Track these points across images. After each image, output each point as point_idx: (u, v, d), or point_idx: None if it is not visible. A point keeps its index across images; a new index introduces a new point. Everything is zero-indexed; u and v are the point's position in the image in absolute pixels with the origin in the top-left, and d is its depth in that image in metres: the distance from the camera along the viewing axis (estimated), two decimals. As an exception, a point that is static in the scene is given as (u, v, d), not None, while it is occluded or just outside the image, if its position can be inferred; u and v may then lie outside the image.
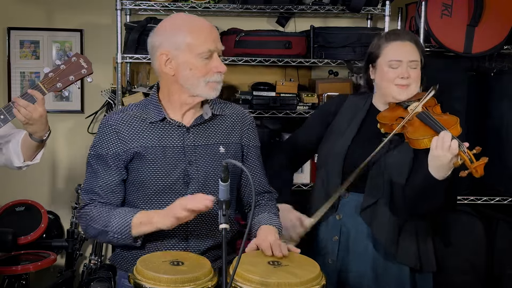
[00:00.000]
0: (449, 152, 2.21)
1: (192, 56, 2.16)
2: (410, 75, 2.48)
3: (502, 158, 3.54)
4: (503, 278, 3.64)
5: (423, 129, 2.36)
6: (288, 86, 3.72)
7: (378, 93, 2.59)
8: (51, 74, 2.33)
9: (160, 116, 2.23)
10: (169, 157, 2.21)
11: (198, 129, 2.25)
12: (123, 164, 2.22)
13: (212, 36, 2.18)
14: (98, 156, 2.24)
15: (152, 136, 2.22)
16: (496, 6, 3.48)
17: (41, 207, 3.84)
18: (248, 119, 2.37)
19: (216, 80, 2.20)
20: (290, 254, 2.12)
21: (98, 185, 2.23)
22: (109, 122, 2.24)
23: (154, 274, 1.90)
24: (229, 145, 2.29)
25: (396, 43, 2.51)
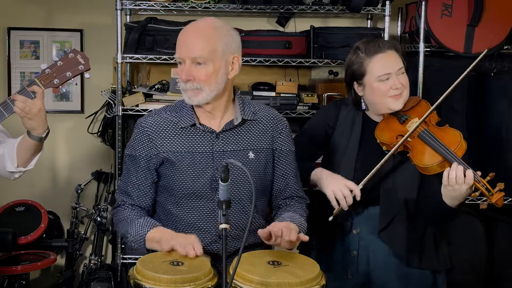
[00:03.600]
0: (465, 184, 2.20)
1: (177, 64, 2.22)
2: (401, 83, 2.44)
3: (502, 158, 3.54)
4: (503, 278, 3.64)
5: (429, 153, 2.32)
6: (288, 86, 3.73)
7: (371, 108, 2.53)
8: (48, 70, 2.32)
9: (190, 121, 2.23)
10: (197, 162, 2.21)
11: (227, 134, 2.24)
12: (154, 167, 2.25)
13: (185, 43, 2.16)
14: (131, 157, 2.28)
15: (182, 142, 2.23)
16: (496, 6, 3.47)
17: (41, 207, 3.83)
18: (281, 124, 2.34)
19: (183, 88, 2.20)
20: (290, 254, 2.12)
21: (129, 185, 2.28)
22: (143, 124, 2.27)
23: (154, 274, 1.90)
24: (259, 150, 2.27)
25: (378, 57, 2.43)
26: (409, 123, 2.42)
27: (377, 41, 2.49)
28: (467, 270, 3.61)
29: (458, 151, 2.30)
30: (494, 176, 2.21)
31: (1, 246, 3.55)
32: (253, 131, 2.28)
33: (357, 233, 2.50)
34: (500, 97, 3.55)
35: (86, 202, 4.07)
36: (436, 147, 2.32)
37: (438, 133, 2.38)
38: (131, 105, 3.59)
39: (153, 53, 3.61)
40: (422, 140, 2.37)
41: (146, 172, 2.26)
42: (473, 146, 3.56)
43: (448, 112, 3.53)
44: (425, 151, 2.34)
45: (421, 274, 2.49)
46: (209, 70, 2.15)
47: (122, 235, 2.38)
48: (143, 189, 2.28)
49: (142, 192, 2.28)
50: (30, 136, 2.35)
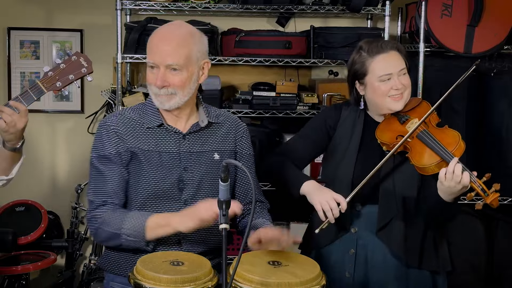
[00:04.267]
0: (460, 184, 2.20)
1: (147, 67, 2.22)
2: (402, 83, 2.44)
3: (502, 158, 3.54)
4: (503, 278, 3.64)
5: (427, 153, 2.32)
6: (288, 86, 3.73)
7: (372, 108, 2.54)
8: (50, 73, 2.32)
9: (157, 121, 2.25)
10: (164, 162, 2.23)
11: (194, 136, 2.27)
12: (125, 163, 2.24)
13: (157, 48, 2.16)
14: (102, 157, 2.24)
15: (149, 141, 2.23)
16: (496, 6, 3.47)
17: (41, 207, 3.84)
18: (241, 128, 2.39)
19: (155, 93, 2.20)
20: (290, 254, 2.12)
21: (108, 186, 2.23)
22: (108, 123, 2.26)
23: (154, 274, 1.90)
24: (223, 152, 2.31)
25: (380, 57, 2.44)
26: (409, 124, 2.43)
27: (380, 42, 2.50)
28: (467, 270, 3.61)
29: (456, 152, 2.30)
30: (490, 176, 2.21)
31: (1, 246, 3.55)
32: (217, 133, 2.33)
33: (355, 232, 2.49)
34: (500, 97, 3.55)
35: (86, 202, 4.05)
36: (434, 148, 2.32)
37: (437, 134, 2.38)
38: (131, 105, 3.56)
39: (153, 53, 3.61)
40: (421, 140, 2.37)
41: (121, 169, 2.23)
42: (473, 146, 3.58)
43: (448, 112, 3.53)
44: (424, 152, 2.34)
45: (420, 275, 2.48)
46: (183, 77, 2.17)
47: (106, 238, 2.19)
48: (121, 187, 2.24)
49: (120, 190, 2.24)
50: (5, 146, 2.31)
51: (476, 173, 2.23)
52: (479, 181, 2.21)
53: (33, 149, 4.02)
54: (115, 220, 2.17)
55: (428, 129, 2.40)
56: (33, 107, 2.36)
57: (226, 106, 3.68)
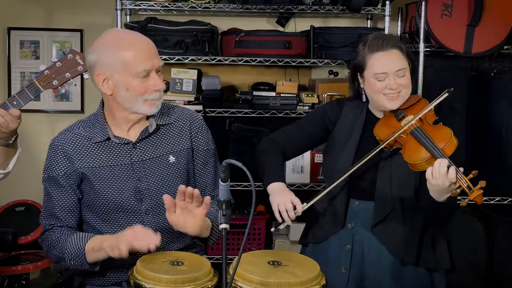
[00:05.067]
0: (447, 180, 2.19)
1: (128, 77, 2.13)
2: (398, 84, 2.43)
3: (502, 158, 3.54)
4: (503, 278, 3.64)
5: (419, 150, 2.33)
6: (288, 86, 3.73)
7: (370, 101, 2.55)
8: (46, 71, 2.31)
9: (104, 135, 2.21)
10: (118, 175, 2.20)
11: (144, 143, 2.24)
12: (75, 184, 2.21)
13: (147, 54, 2.14)
14: (50, 179, 2.23)
15: (99, 156, 2.21)
16: (496, 6, 3.47)
17: (41, 207, 3.82)
18: (196, 122, 2.33)
19: (154, 98, 2.17)
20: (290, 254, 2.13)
21: (55, 208, 2.22)
22: (56, 143, 2.24)
23: (154, 274, 1.90)
24: (179, 152, 2.27)
25: (379, 54, 2.43)
26: (405, 121, 2.43)
27: (383, 39, 2.48)
28: (467, 270, 3.60)
29: (447, 148, 2.30)
30: (476, 174, 2.20)
31: (1, 246, 3.55)
32: (170, 134, 2.28)
33: (351, 228, 2.50)
34: (500, 97, 3.55)
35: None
36: (425, 144, 2.32)
37: (430, 131, 2.38)
38: (131, 105, 3.58)
39: (153, 53, 3.61)
40: (414, 137, 2.37)
41: (68, 191, 2.21)
42: (473, 146, 3.58)
43: (448, 112, 3.53)
44: (416, 148, 2.35)
45: (416, 272, 2.48)
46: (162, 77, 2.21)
47: (57, 260, 2.20)
48: (68, 209, 2.22)
49: (68, 212, 2.22)
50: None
51: (462, 169, 2.22)
52: (465, 178, 2.20)
53: (33, 149, 4.02)
54: (59, 245, 2.17)
55: (422, 126, 2.40)
56: (33, 107, 2.37)
57: (226, 106, 3.68)
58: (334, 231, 2.51)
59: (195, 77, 3.65)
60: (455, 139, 2.32)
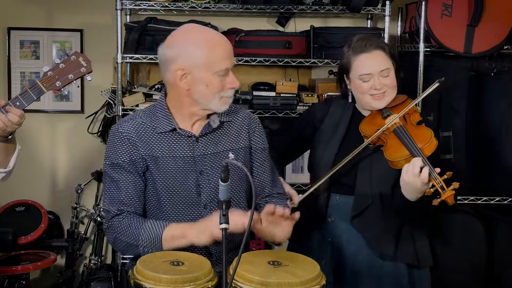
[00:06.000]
0: (419, 179, 2.21)
1: (209, 74, 2.15)
2: (383, 84, 2.48)
3: (502, 158, 3.54)
4: (503, 278, 3.64)
5: (400, 148, 2.39)
6: (288, 86, 3.73)
7: (357, 101, 2.61)
8: (50, 73, 2.32)
9: (170, 126, 2.22)
10: (180, 167, 2.21)
11: (207, 138, 2.25)
12: (141, 170, 2.22)
13: (228, 53, 2.18)
14: (115, 165, 2.21)
15: (163, 146, 2.22)
16: (496, 6, 3.47)
17: (41, 207, 3.84)
18: (254, 122, 2.37)
19: (229, 95, 2.21)
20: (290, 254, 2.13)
21: (123, 194, 2.21)
22: (120, 130, 2.23)
23: (154, 274, 1.90)
24: (238, 150, 2.29)
25: (363, 56, 2.50)
26: (389, 119, 2.48)
27: (366, 40, 2.54)
28: (467, 270, 3.61)
29: (426, 148, 2.34)
30: (451, 175, 2.24)
31: (1, 246, 3.55)
32: (230, 131, 2.30)
33: (332, 221, 2.54)
34: (500, 97, 3.55)
35: (86, 202, 4.07)
36: (406, 143, 2.38)
37: (412, 131, 2.43)
38: (131, 105, 3.59)
39: (153, 53, 3.61)
40: (396, 135, 2.43)
41: (136, 176, 2.21)
42: (472, 146, 3.58)
43: (448, 112, 3.54)
44: (397, 146, 2.40)
45: (395, 267, 2.50)
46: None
47: (124, 248, 2.19)
48: (136, 195, 2.22)
49: (136, 198, 2.22)
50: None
51: (439, 170, 2.25)
52: (439, 178, 2.24)
53: (33, 149, 4.02)
54: (132, 231, 2.16)
55: (405, 126, 2.45)
56: (33, 107, 2.37)
57: (226, 106, 3.68)
58: (316, 225, 2.56)
59: (195, 77, 3.65)
60: (435, 140, 2.37)
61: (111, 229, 2.21)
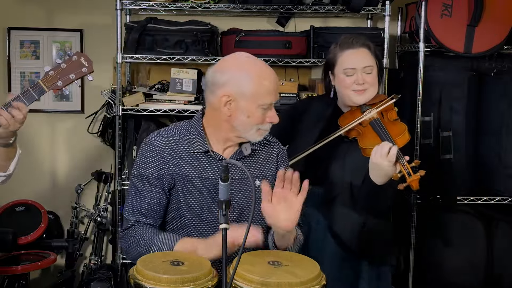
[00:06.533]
0: (386, 159, 2.31)
1: (253, 105, 2.15)
2: (365, 80, 2.59)
3: (502, 158, 3.54)
4: (503, 278, 3.64)
5: (373, 138, 2.49)
6: (288, 86, 3.73)
7: (340, 98, 2.71)
8: (51, 72, 2.33)
9: (203, 148, 2.22)
10: (207, 188, 2.21)
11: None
12: (167, 187, 2.22)
13: (275, 88, 2.19)
14: (142, 177, 2.22)
15: (193, 166, 2.22)
16: (496, 6, 3.47)
17: (41, 207, 3.84)
18: (282, 151, 2.39)
19: (266, 129, 2.22)
20: (290, 254, 2.13)
21: (144, 205, 2.22)
22: (153, 143, 2.23)
23: (154, 274, 1.90)
24: (265, 177, 2.28)
25: (349, 52, 2.61)
26: (366, 112, 2.59)
27: (353, 38, 2.66)
28: (467, 270, 3.61)
29: (399, 140, 2.46)
30: (419, 163, 2.35)
31: (1, 246, 3.55)
32: (260, 159, 2.31)
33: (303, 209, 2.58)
34: (500, 97, 3.55)
35: (86, 202, 4.07)
36: (380, 133, 2.49)
37: (387, 124, 2.55)
38: (131, 105, 3.59)
39: (153, 53, 3.62)
40: (372, 126, 2.54)
41: (160, 191, 2.22)
42: (472, 146, 3.58)
43: (448, 112, 3.54)
44: (371, 136, 2.51)
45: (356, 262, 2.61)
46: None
47: (137, 257, 2.12)
48: (157, 208, 2.23)
49: (155, 212, 2.23)
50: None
51: (408, 158, 2.35)
52: (407, 165, 2.34)
53: (33, 149, 4.02)
54: (145, 242, 2.18)
55: (382, 120, 2.56)
56: (33, 107, 2.37)
57: (226, 106, 3.68)
58: None
59: (195, 77, 3.65)
60: (408, 134, 2.49)
61: (127, 237, 2.23)
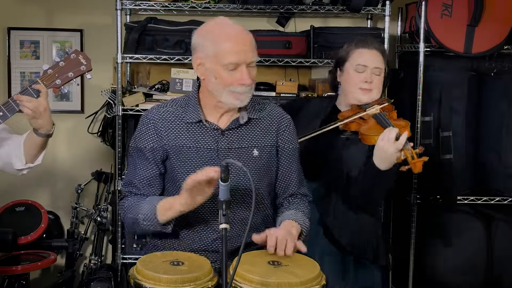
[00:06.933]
0: (394, 145, 2.36)
1: (218, 66, 2.17)
2: (373, 80, 2.64)
3: (502, 158, 3.54)
4: (503, 278, 3.64)
5: (376, 127, 2.53)
6: (288, 86, 3.73)
7: (343, 94, 2.74)
8: (50, 70, 2.33)
9: (197, 118, 2.25)
10: (203, 158, 2.23)
11: (233, 132, 2.26)
12: (160, 159, 2.26)
13: (240, 49, 2.18)
14: (137, 149, 2.28)
15: (188, 137, 2.24)
16: (496, 6, 3.48)
17: (41, 207, 3.84)
18: (285, 121, 2.37)
19: (239, 91, 2.20)
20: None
21: (136, 177, 2.28)
22: (149, 116, 2.29)
23: (154, 274, 1.90)
24: (263, 147, 2.29)
25: (363, 50, 2.69)
26: (369, 109, 2.62)
27: (368, 39, 2.75)
28: (467, 270, 3.61)
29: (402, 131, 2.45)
30: (423, 150, 2.39)
31: (1, 246, 3.55)
32: (258, 128, 2.31)
33: None
34: (500, 97, 3.55)
35: (86, 202, 4.07)
36: (383, 124, 2.52)
37: (391, 119, 2.58)
38: (131, 105, 3.59)
39: (153, 53, 3.62)
40: (375, 119, 2.58)
41: (152, 164, 2.26)
42: (472, 146, 3.58)
43: (448, 112, 3.54)
44: (374, 126, 2.55)
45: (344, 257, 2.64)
46: (255, 72, 2.25)
47: (131, 225, 2.26)
48: (149, 181, 2.27)
49: (148, 183, 2.27)
50: (38, 134, 2.37)
51: (412, 144, 2.41)
52: (412, 150, 2.38)
53: (33, 149, 4.02)
54: (134, 207, 2.23)
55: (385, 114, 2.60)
56: (33, 107, 2.37)
57: (226, 106, 3.68)
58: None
59: (195, 77, 3.64)
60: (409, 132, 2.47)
61: (121, 208, 2.31)
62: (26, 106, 2.27)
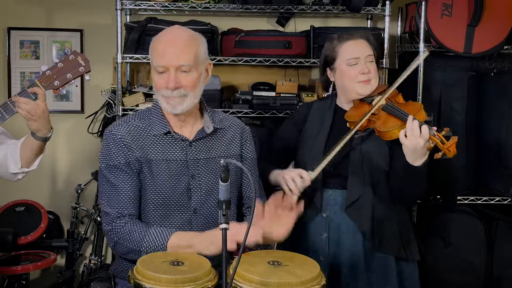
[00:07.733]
0: (421, 138, 2.30)
1: (153, 70, 2.21)
2: (369, 69, 2.58)
3: (502, 158, 3.54)
4: (503, 278, 3.64)
5: (391, 120, 2.45)
6: (288, 86, 3.73)
7: (341, 93, 2.68)
8: (48, 72, 2.32)
9: (164, 129, 2.24)
10: (173, 170, 2.22)
11: (200, 143, 2.27)
12: (136, 171, 2.22)
13: (168, 50, 2.16)
14: (111, 167, 2.21)
15: (156, 149, 2.22)
16: (496, 6, 3.47)
17: (41, 207, 3.84)
18: (246, 132, 2.40)
19: (165, 95, 2.18)
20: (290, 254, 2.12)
21: (121, 196, 2.21)
22: (114, 132, 2.24)
23: (154, 274, 1.90)
24: (230, 157, 2.30)
25: (349, 42, 2.61)
26: (375, 101, 2.55)
27: (350, 32, 2.68)
28: (467, 270, 3.60)
29: (418, 116, 2.41)
30: (449, 131, 2.33)
31: (1, 246, 3.55)
32: (223, 139, 2.33)
33: (326, 216, 2.59)
34: (500, 97, 3.55)
35: (86, 202, 4.07)
36: (397, 114, 2.46)
37: (401, 105, 2.52)
38: (131, 105, 3.59)
39: (153, 53, 3.61)
40: (386, 111, 2.50)
41: (132, 177, 2.21)
42: (473, 146, 3.58)
43: (448, 112, 3.54)
44: (388, 120, 2.48)
45: (385, 260, 2.58)
46: (194, 77, 2.19)
47: (126, 252, 2.18)
48: (134, 196, 2.22)
49: (134, 200, 2.22)
50: (35, 137, 2.36)
51: (436, 128, 2.34)
52: (438, 134, 2.32)
53: (33, 149, 4.02)
54: (135, 236, 2.16)
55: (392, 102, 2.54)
56: (33, 107, 2.37)
57: (226, 106, 3.68)
58: (311, 218, 2.60)
59: (195, 77, 3.65)
60: (425, 112, 2.43)
61: (113, 233, 2.20)
62: (22, 108, 2.26)
